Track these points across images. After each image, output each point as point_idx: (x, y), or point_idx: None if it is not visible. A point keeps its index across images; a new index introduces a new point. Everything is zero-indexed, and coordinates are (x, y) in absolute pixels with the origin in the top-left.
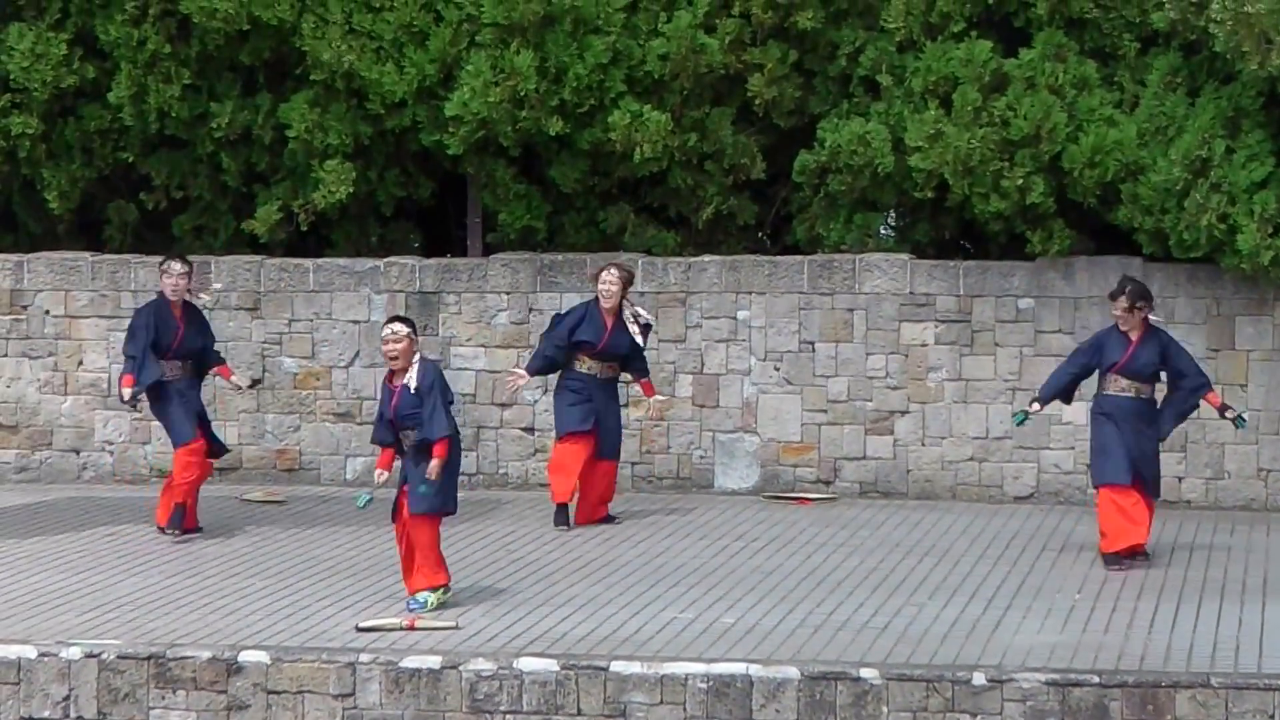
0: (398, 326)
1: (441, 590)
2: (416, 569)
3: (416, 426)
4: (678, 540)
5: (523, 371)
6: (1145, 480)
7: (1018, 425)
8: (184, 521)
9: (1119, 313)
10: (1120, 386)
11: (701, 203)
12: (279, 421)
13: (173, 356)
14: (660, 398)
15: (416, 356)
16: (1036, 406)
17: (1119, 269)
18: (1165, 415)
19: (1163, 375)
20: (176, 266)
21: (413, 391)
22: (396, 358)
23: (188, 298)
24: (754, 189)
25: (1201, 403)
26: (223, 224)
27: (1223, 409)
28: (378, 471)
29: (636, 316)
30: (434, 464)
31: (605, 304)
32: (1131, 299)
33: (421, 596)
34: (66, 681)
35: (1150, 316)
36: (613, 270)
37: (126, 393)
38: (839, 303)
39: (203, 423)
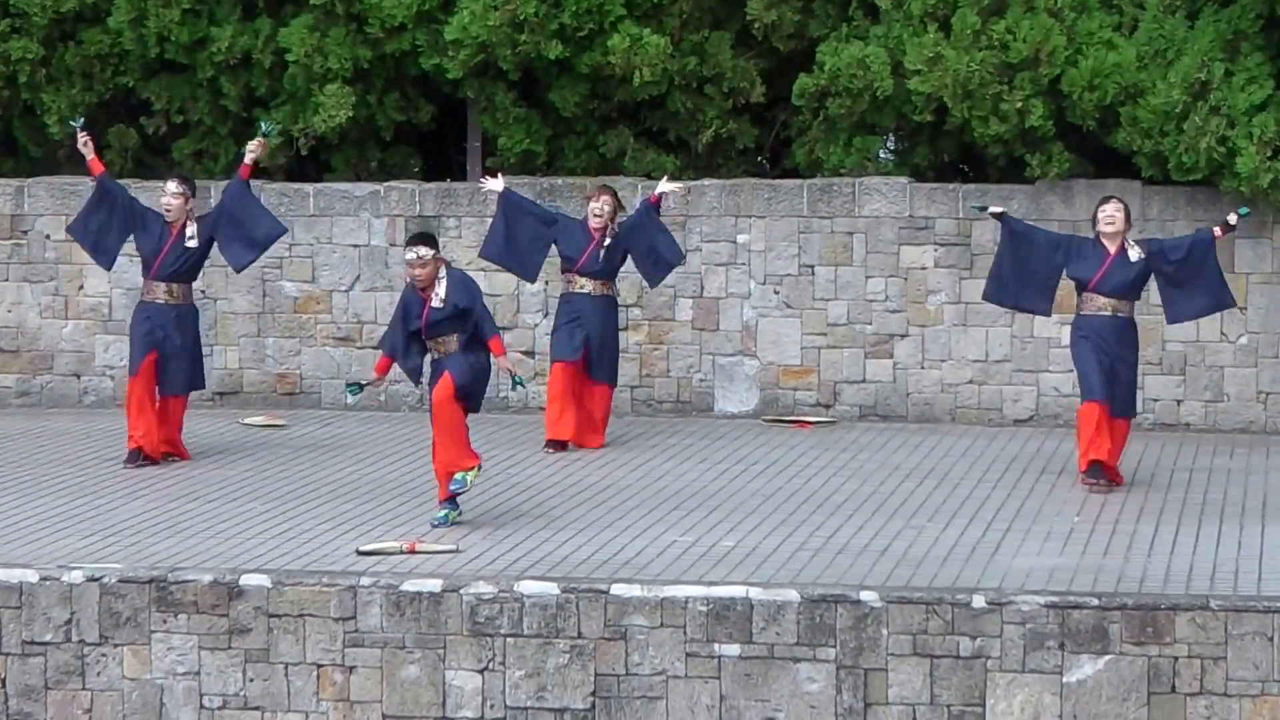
0: (423, 251)
1: (475, 470)
2: (457, 451)
3: (454, 334)
4: (677, 464)
5: (501, 182)
6: (1115, 399)
7: (975, 209)
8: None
9: (1109, 213)
10: (1097, 305)
11: (701, 126)
12: (279, 346)
13: (155, 278)
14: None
15: (443, 271)
16: (998, 209)
17: (1118, 192)
18: (1211, 304)
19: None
20: (171, 185)
21: (444, 304)
22: (423, 281)
23: (190, 234)
24: (753, 113)
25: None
26: (223, 149)
27: (1226, 227)
28: (376, 377)
29: (610, 237)
30: (504, 360)
31: (593, 224)
32: (1123, 204)
33: (460, 476)
34: (68, 605)
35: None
36: (605, 196)
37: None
38: (838, 226)
39: (168, 357)
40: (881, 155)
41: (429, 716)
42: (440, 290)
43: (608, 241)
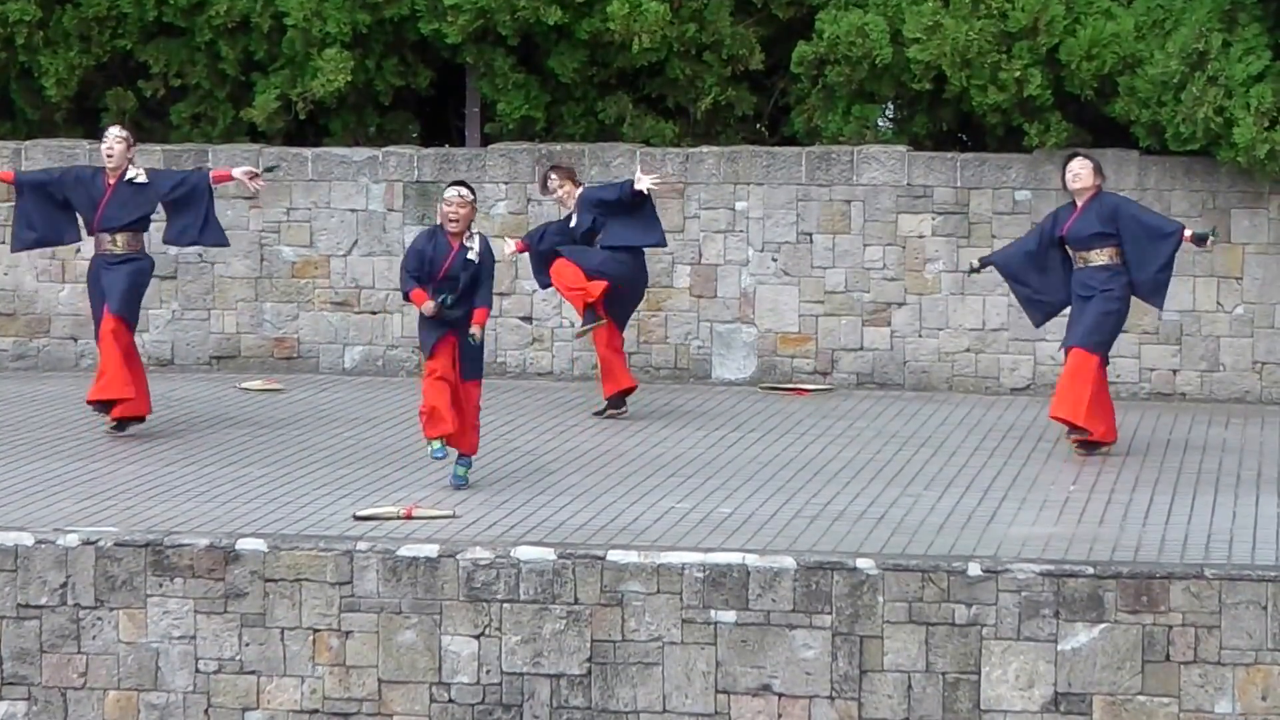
0: (464, 191)
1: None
2: (469, 429)
3: (462, 292)
4: (675, 431)
5: (516, 243)
6: (1073, 334)
7: (969, 273)
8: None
9: (1075, 170)
10: (1077, 260)
11: (700, 93)
12: (277, 310)
13: (98, 230)
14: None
15: (474, 227)
16: (978, 264)
17: (1116, 162)
18: (1148, 284)
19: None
20: (114, 130)
21: (468, 259)
22: (456, 221)
23: (130, 175)
24: (752, 80)
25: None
26: (221, 113)
27: (1196, 239)
28: (426, 305)
29: (571, 209)
30: (475, 329)
31: (564, 204)
32: (1089, 158)
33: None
34: (64, 569)
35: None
36: (554, 175)
37: None
38: (836, 194)
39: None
40: (880, 123)
41: (425, 682)
42: (473, 243)
43: (571, 208)
